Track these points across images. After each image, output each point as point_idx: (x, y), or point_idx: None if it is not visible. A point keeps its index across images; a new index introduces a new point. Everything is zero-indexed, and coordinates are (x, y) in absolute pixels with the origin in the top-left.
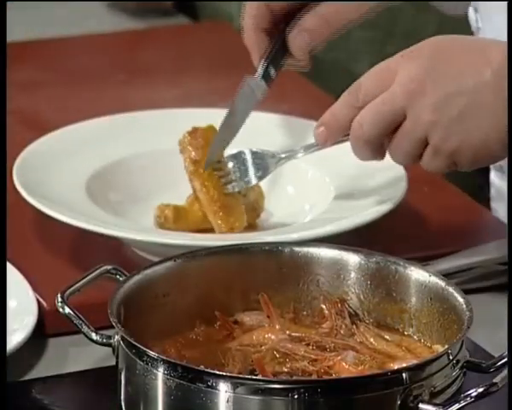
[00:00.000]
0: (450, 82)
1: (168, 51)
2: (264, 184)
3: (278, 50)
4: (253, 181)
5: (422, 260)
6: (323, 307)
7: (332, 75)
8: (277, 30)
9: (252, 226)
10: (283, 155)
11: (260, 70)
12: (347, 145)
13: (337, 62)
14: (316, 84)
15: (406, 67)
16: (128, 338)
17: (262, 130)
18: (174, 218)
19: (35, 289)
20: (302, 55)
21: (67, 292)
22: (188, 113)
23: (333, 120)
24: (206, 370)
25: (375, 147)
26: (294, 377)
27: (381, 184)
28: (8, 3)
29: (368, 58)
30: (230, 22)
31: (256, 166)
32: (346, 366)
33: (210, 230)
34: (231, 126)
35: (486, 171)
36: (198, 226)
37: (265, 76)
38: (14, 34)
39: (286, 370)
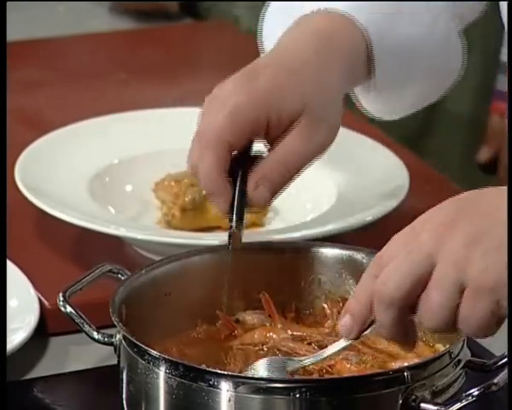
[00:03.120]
0: (482, 218)
1: (169, 51)
2: None
3: (242, 192)
4: None
5: None
6: (325, 306)
7: None
8: (236, 167)
9: (257, 225)
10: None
11: (235, 218)
12: (349, 145)
13: None
14: None
15: (431, 218)
16: (129, 337)
17: None
18: (181, 216)
19: (36, 287)
20: (263, 206)
21: (69, 291)
22: (189, 112)
23: (356, 302)
24: (207, 369)
25: (402, 312)
26: (296, 376)
27: (382, 183)
28: (9, 3)
29: None
30: (235, 24)
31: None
32: (348, 366)
33: (213, 229)
34: None
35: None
36: (204, 225)
37: (239, 224)
38: (14, 34)
39: (288, 369)
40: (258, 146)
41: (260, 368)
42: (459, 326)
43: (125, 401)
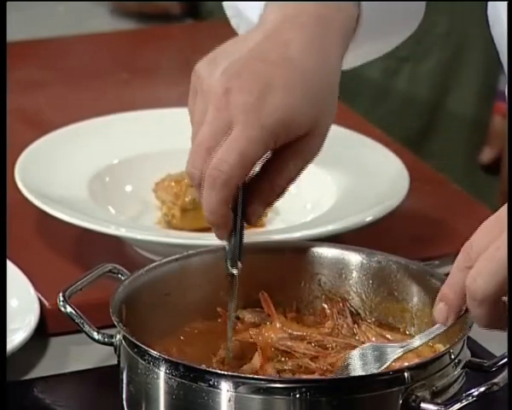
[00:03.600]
0: None
1: (170, 50)
2: None
3: (242, 224)
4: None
5: (424, 260)
6: (325, 306)
7: (343, 79)
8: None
9: (257, 225)
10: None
11: (236, 251)
12: (349, 144)
13: None
14: None
15: None
16: (130, 337)
17: None
18: (181, 216)
19: (37, 288)
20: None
21: (69, 291)
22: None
23: (450, 291)
24: (207, 369)
25: (493, 306)
26: (296, 376)
27: (383, 183)
28: (11, 3)
29: (379, 61)
30: None
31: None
32: None
33: None
34: None
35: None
36: (204, 225)
37: (240, 257)
38: (15, 34)
39: (288, 368)
40: None
41: (355, 359)
42: None
43: (125, 402)
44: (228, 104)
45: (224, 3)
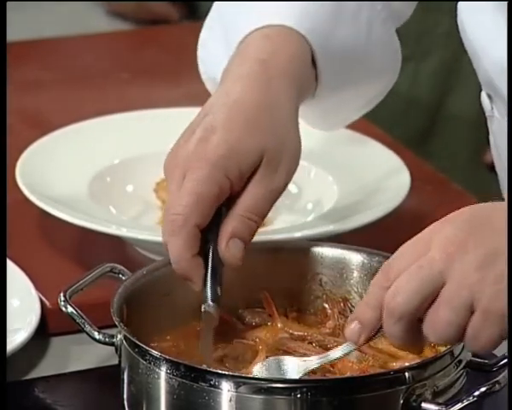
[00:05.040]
0: (494, 238)
1: (170, 51)
2: None
3: (215, 265)
4: None
5: None
6: (326, 306)
7: None
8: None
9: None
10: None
11: (210, 294)
12: (350, 145)
13: None
14: None
15: (442, 232)
16: (130, 337)
17: None
18: None
19: (38, 287)
20: (238, 262)
21: (70, 291)
22: (190, 112)
23: (367, 309)
24: (208, 369)
25: (411, 325)
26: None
27: (384, 183)
28: (12, 3)
29: None
30: None
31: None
32: (349, 364)
33: None
34: None
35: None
36: None
37: (215, 297)
38: (16, 34)
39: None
40: None
41: (260, 369)
42: (465, 343)
43: (126, 402)
44: (184, 158)
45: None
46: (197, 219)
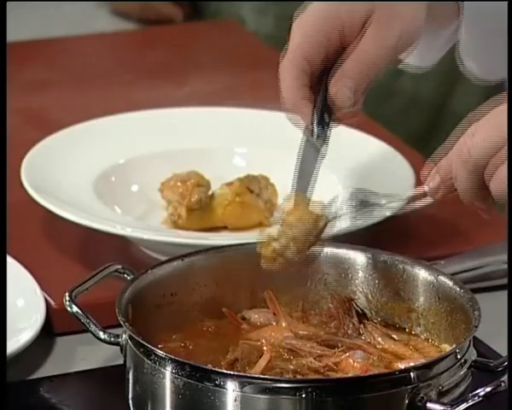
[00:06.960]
0: None
1: (175, 51)
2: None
3: (325, 106)
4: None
5: (430, 260)
6: (331, 306)
7: None
8: (319, 83)
9: (263, 225)
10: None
11: (315, 130)
12: (354, 144)
13: None
14: None
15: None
16: (136, 337)
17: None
18: (187, 216)
19: (43, 287)
20: (346, 103)
21: (75, 291)
22: (195, 112)
23: (446, 161)
24: (213, 369)
25: (482, 179)
26: (301, 376)
27: (388, 183)
28: (16, 3)
29: None
30: (241, 24)
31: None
32: (353, 363)
33: (219, 229)
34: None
35: None
36: (210, 225)
37: (320, 135)
38: (21, 34)
39: (292, 367)
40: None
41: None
42: None
43: (131, 401)
44: None
45: None
46: (306, 52)
